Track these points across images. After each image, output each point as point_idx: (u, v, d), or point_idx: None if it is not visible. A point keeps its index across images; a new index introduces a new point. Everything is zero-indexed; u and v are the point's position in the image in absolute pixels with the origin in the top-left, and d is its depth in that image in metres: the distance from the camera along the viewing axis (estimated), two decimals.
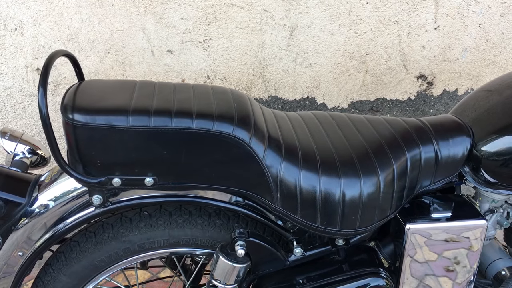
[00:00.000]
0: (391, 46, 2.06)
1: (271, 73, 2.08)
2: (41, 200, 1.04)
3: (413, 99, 2.18)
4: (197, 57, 2.04)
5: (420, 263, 1.01)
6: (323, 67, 2.07)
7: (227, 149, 0.92)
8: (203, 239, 1.09)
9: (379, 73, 2.10)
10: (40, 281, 1.11)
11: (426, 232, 0.99)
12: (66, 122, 0.89)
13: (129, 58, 2.02)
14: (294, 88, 2.11)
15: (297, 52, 2.04)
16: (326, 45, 2.03)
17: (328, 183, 0.93)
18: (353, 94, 2.13)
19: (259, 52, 2.04)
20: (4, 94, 2.04)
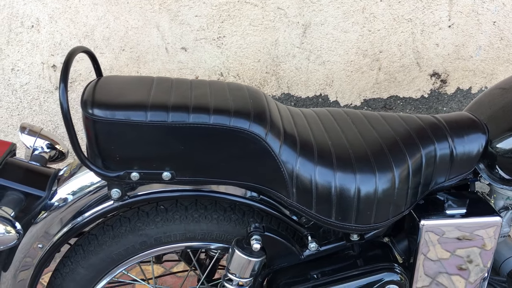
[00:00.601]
0: (404, 43, 2.05)
1: (284, 70, 2.08)
2: (60, 194, 1.06)
3: (426, 97, 2.17)
4: (210, 55, 2.05)
5: (434, 259, 1.02)
6: (336, 64, 2.08)
7: (243, 145, 0.93)
8: (218, 234, 1.10)
9: (392, 71, 2.10)
10: (59, 273, 1.13)
11: (441, 228, 0.99)
12: (86, 117, 0.91)
13: (144, 55, 2.04)
14: (307, 85, 2.11)
15: (310, 49, 2.05)
16: (339, 42, 2.03)
17: (343, 178, 0.93)
18: (366, 92, 2.13)
19: (272, 49, 2.05)
20: (20, 90, 2.07)
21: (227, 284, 1.03)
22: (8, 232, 0.92)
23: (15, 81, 2.05)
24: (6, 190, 1.00)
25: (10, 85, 2.05)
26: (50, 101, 2.09)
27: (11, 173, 1.02)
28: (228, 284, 1.03)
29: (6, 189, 1.00)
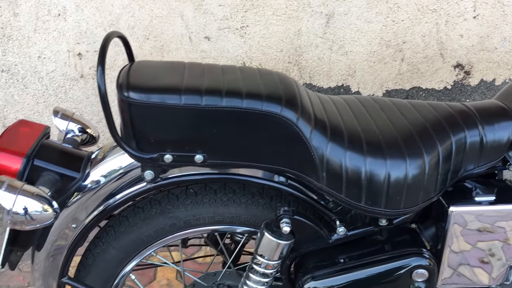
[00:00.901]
0: (428, 34, 2.05)
1: (306, 60, 2.09)
2: (93, 176, 1.09)
3: (449, 88, 2.16)
4: (233, 44, 2.07)
5: (462, 245, 1.02)
6: (358, 55, 2.08)
7: (274, 129, 0.94)
8: (246, 218, 1.12)
9: (416, 62, 2.09)
10: (90, 253, 1.16)
11: (470, 215, 1.00)
12: (121, 99, 0.93)
13: (168, 44, 2.06)
14: (329, 75, 2.12)
15: (333, 39, 2.05)
16: (362, 33, 2.03)
17: (373, 164, 0.94)
18: (388, 83, 2.13)
19: (295, 39, 2.06)
20: (47, 78, 2.11)
21: (255, 267, 1.05)
22: (45, 210, 0.95)
23: (41, 68, 2.08)
24: (42, 171, 1.03)
25: (36, 72, 2.09)
26: (75, 88, 2.13)
27: (47, 155, 1.05)
28: (256, 266, 1.05)
29: (42, 170, 1.03)
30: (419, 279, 0.99)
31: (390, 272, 1.00)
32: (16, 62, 2.05)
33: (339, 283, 1.01)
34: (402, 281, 1.00)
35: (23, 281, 1.97)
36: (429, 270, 0.99)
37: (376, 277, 1.00)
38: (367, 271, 1.00)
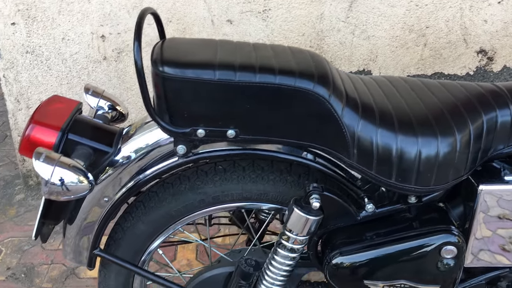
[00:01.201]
0: (452, 19, 2.03)
1: (328, 44, 2.09)
2: (125, 151, 1.10)
3: (471, 74, 2.15)
4: (255, 27, 2.07)
5: (490, 224, 1.03)
6: (381, 39, 2.07)
7: (307, 105, 0.95)
8: (274, 195, 1.13)
9: (438, 47, 2.08)
10: (120, 227, 1.18)
11: (499, 194, 1.00)
12: (156, 74, 0.94)
13: (190, 27, 2.07)
14: (351, 60, 2.11)
15: (356, 24, 2.05)
16: (385, 17, 2.02)
17: (405, 141, 0.95)
18: (410, 68, 2.12)
19: (317, 23, 2.05)
20: (70, 59, 2.13)
21: (284, 242, 1.06)
22: (81, 182, 0.97)
23: (65, 50, 2.11)
24: (76, 145, 1.05)
25: (60, 54, 2.11)
26: (98, 70, 2.15)
27: (81, 129, 1.07)
28: (284, 241, 1.06)
29: (76, 144, 1.05)
30: (448, 256, 1.00)
31: (419, 248, 1.01)
32: (41, 44, 2.07)
33: (367, 259, 1.02)
34: (430, 257, 1.00)
35: (46, 259, 2.01)
36: (458, 247, 1.00)
37: (405, 254, 1.01)
38: (395, 247, 1.01)
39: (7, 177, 2.55)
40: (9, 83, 2.14)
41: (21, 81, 2.14)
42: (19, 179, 2.49)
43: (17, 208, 2.32)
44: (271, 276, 1.11)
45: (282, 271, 1.10)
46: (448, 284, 1.05)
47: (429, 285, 1.03)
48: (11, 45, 2.07)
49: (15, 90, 2.16)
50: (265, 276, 1.12)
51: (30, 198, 2.38)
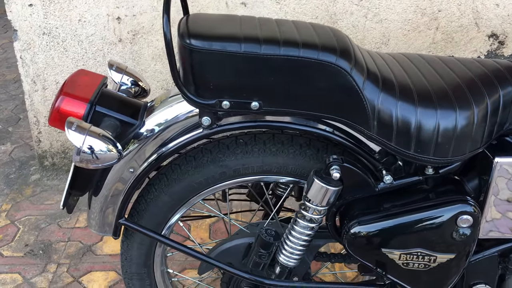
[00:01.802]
0: (464, 3, 2.05)
1: (340, 28, 2.11)
2: (149, 125, 1.14)
3: (483, 58, 2.17)
4: (269, 10, 2.09)
5: (505, 196, 1.06)
6: (393, 23, 2.09)
7: (329, 78, 0.98)
8: (293, 168, 1.17)
9: (450, 31, 2.10)
10: (143, 199, 1.22)
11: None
12: (183, 47, 0.97)
13: (204, 9, 2.09)
14: (363, 43, 2.14)
15: (369, 7, 2.06)
16: (398, 0, 2.04)
17: (424, 113, 0.98)
18: (422, 51, 2.14)
19: (330, 6, 2.07)
20: (86, 41, 2.16)
21: (303, 212, 1.10)
22: (110, 150, 1.00)
23: (81, 32, 2.13)
24: (103, 116, 1.09)
25: (76, 35, 2.14)
26: (113, 52, 2.18)
27: (108, 102, 1.10)
28: (304, 212, 1.10)
29: (103, 116, 1.09)
30: (464, 225, 1.03)
31: (435, 218, 1.04)
32: (57, 25, 2.10)
33: (385, 228, 1.06)
34: (446, 227, 1.04)
35: (63, 236, 2.06)
36: (473, 216, 1.03)
37: (421, 223, 1.04)
38: (413, 216, 1.04)
39: (22, 158, 2.59)
40: (26, 64, 2.17)
41: (37, 62, 2.17)
42: (34, 160, 2.53)
43: (33, 188, 2.36)
44: (290, 246, 1.15)
45: (301, 241, 1.14)
46: (463, 254, 1.08)
47: (445, 253, 1.06)
48: (28, 27, 2.10)
49: (31, 71, 2.19)
50: (285, 245, 1.16)
51: (45, 178, 2.42)
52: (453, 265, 1.09)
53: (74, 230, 2.09)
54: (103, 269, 1.89)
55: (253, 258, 1.19)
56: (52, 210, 2.21)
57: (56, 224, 2.13)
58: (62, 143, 2.36)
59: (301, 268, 1.23)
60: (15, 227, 2.10)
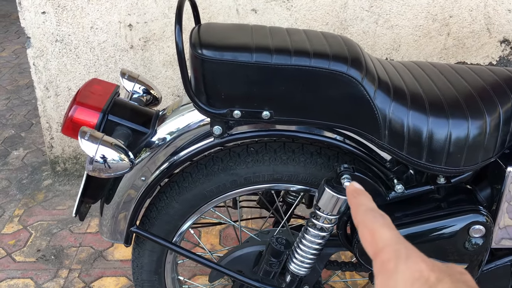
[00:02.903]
0: (476, 8, 2.04)
1: (351, 34, 2.11)
2: (160, 133, 1.15)
3: (494, 64, 2.15)
4: (280, 17, 2.10)
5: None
6: (404, 29, 2.08)
7: (340, 88, 0.98)
8: (304, 176, 1.17)
9: (462, 37, 2.09)
10: (154, 207, 1.23)
11: None
12: (195, 56, 0.98)
13: (215, 16, 2.10)
14: (373, 49, 2.13)
15: (379, 13, 2.06)
16: (409, 6, 2.03)
17: (436, 123, 0.98)
18: (433, 58, 2.13)
19: (341, 12, 2.07)
20: (98, 48, 2.18)
21: (314, 221, 1.10)
22: (122, 160, 1.01)
23: (93, 39, 2.15)
24: (116, 125, 1.10)
25: (88, 42, 2.16)
26: (125, 59, 2.19)
27: (120, 111, 1.11)
28: (315, 220, 1.10)
29: (116, 124, 1.10)
30: (476, 235, 1.02)
31: (447, 227, 1.03)
32: (70, 32, 2.13)
33: None
34: (458, 237, 1.03)
35: (74, 242, 2.07)
36: (486, 226, 1.03)
37: (433, 232, 1.04)
38: (424, 226, 1.04)
39: (34, 164, 2.62)
40: (39, 71, 2.20)
41: (50, 69, 2.19)
42: (46, 165, 2.56)
43: (45, 193, 2.38)
44: (301, 255, 1.15)
45: (312, 249, 1.14)
46: (475, 264, 1.07)
47: (457, 263, 1.06)
48: (41, 34, 2.12)
49: (44, 78, 2.21)
50: (295, 254, 1.16)
51: (57, 183, 2.44)
52: None
53: (85, 236, 2.10)
54: (114, 274, 1.90)
55: (264, 267, 1.19)
56: (64, 216, 2.23)
57: (67, 229, 2.15)
58: (74, 149, 2.38)
59: (311, 277, 1.23)
60: (27, 232, 2.13)
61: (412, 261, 0.39)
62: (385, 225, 0.43)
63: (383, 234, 0.42)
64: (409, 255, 0.40)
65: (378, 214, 0.45)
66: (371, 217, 0.44)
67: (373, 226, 0.43)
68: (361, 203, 0.47)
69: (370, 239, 0.42)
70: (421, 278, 0.38)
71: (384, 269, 0.40)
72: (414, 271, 0.38)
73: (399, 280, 0.38)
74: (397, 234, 0.43)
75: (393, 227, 0.44)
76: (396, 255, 0.40)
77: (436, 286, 0.37)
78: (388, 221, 0.45)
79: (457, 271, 0.40)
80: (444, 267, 0.40)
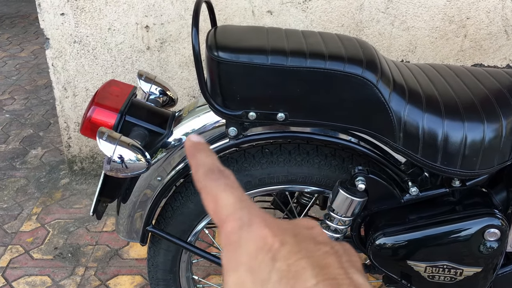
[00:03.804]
0: (493, 10, 2.02)
1: (367, 35, 2.10)
2: (176, 134, 1.16)
3: (511, 66, 2.13)
4: (295, 18, 2.10)
5: None
6: (420, 30, 2.07)
7: (355, 90, 0.99)
8: (318, 178, 1.17)
9: (479, 38, 2.07)
10: (170, 206, 1.25)
11: None
12: (211, 59, 0.99)
13: (231, 18, 2.11)
14: (389, 51, 2.13)
15: (395, 15, 2.06)
16: (425, 8, 2.02)
17: (451, 126, 0.98)
18: (450, 59, 2.12)
19: (356, 14, 2.07)
20: (115, 49, 2.21)
21: (328, 222, 1.11)
22: (139, 160, 1.03)
23: (110, 40, 2.18)
24: (133, 126, 1.12)
25: (106, 44, 2.19)
26: (141, 60, 2.22)
27: (137, 112, 1.13)
28: (329, 222, 1.11)
29: (133, 125, 1.12)
30: (491, 239, 1.02)
31: (462, 230, 1.03)
32: (88, 34, 2.16)
33: (410, 240, 1.05)
34: (473, 240, 1.03)
35: (91, 240, 2.10)
36: (501, 230, 1.02)
37: (448, 235, 1.04)
38: (439, 229, 1.04)
39: (52, 163, 2.66)
40: (57, 72, 2.24)
41: (68, 69, 2.23)
42: (63, 165, 2.60)
43: (63, 192, 2.42)
44: None
45: None
46: (490, 267, 1.07)
47: (471, 267, 1.05)
48: (60, 35, 2.16)
49: (62, 78, 2.25)
50: None
51: (74, 182, 2.48)
52: (479, 279, 1.08)
53: (101, 234, 2.13)
54: (129, 273, 1.92)
55: None
56: (80, 214, 2.26)
57: (84, 227, 2.18)
58: (91, 148, 2.42)
59: None
60: (45, 230, 2.16)
61: (255, 228, 0.34)
62: (228, 187, 0.37)
63: (226, 199, 0.36)
64: (251, 222, 0.35)
65: (219, 174, 0.38)
66: (212, 181, 0.37)
67: (215, 191, 0.37)
68: (200, 162, 0.39)
69: (214, 207, 0.36)
70: (265, 246, 0.34)
71: (229, 242, 0.35)
72: (257, 240, 0.34)
73: (243, 253, 0.34)
74: (240, 196, 0.37)
75: (237, 186, 0.37)
76: (239, 224, 0.35)
77: (279, 251, 0.33)
78: (231, 180, 0.38)
79: (303, 226, 0.36)
80: (289, 225, 0.36)
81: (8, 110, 3.20)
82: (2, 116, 3.13)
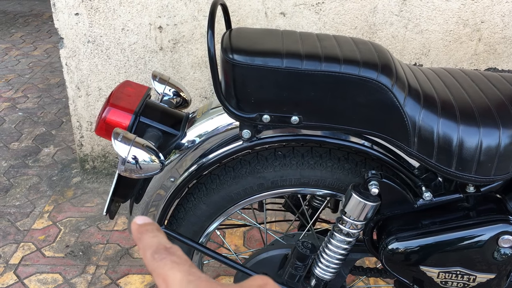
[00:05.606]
0: (508, 14, 2.00)
1: (380, 38, 2.10)
2: (190, 136, 1.17)
3: None
4: (308, 20, 2.10)
5: None
6: (434, 33, 2.06)
7: (370, 94, 0.98)
8: (331, 181, 1.17)
9: (493, 42, 2.06)
10: (182, 207, 1.25)
11: None
12: (226, 61, 0.99)
13: (244, 19, 2.12)
14: (402, 54, 2.12)
15: (409, 17, 2.05)
16: (439, 11, 2.01)
17: (466, 131, 0.97)
18: (463, 63, 2.11)
19: (370, 16, 2.07)
20: (128, 49, 2.22)
21: (341, 226, 1.10)
22: (153, 161, 1.04)
23: (124, 40, 2.20)
24: (147, 127, 1.12)
25: (119, 44, 2.21)
26: (154, 60, 2.23)
27: (151, 113, 1.14)
28: (342, 226, 1.10)
29: (147, 126, 1.12)
30: (506, 245, 1.01)
31: (476, 237, 1.02)
32: (101, 34, 2.17)
33: (423, 245, 1.05)
34: (487, 246, 1.02)
35: (102, 239, 2.12)
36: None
37: (462, 241, 1.03)
38: (452, 234, 1.03)
39: (64, 161, 2.68)
40: (71, 71, 2.25)
41: (82, 69, 2.25)
42: (75, 163, 2.62)
43: (74, 190, 2.44)
44: (326, 259, 1.15)
45: (338, 254, 1.14)
46: (504, 274, 1.06)
47: (485, 273, 1.05)
48: (74, 35, 2.18)
49: (76, 77, 2.27)
50: (321, 258, 1.16)
51: (86, 181, 2.50)
52: (493, 285, 1.08)
53: (112, 233, 2.14)
54: (139, 272, 1.93)
55: (289, 270, 1.20)
56: (92, 213, 2.28)
57: (95, 226, 2.19)
58: (103, 148, 2.43)
59: (336, 281, 1.23)
60: (56, 228, 2.18)
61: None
62: (174, 265, 0.38)
63: (173, 277, 0.37)
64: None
65: (165, 252, 0.39)
66: (158, 261, 0.39)
67: (163, 271, 0.38)
68: (146, 245, 0.40)
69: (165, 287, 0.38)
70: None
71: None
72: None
73: None
74: (188, 270, 0.37)
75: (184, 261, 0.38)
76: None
77: None
78: (177, 255, 0.39)
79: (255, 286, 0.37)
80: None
81: (21, 108, 3.24)
82: (15, 114, 3.17)
